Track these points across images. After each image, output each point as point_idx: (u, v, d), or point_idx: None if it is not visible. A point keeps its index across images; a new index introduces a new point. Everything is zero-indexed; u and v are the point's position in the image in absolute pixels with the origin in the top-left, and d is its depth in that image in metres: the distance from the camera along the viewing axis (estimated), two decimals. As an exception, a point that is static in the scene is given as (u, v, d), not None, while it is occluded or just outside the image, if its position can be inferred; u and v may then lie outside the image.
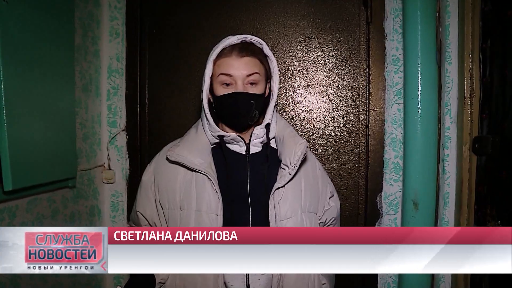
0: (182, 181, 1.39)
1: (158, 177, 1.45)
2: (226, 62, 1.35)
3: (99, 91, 2.20)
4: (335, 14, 2.11)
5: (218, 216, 1.32)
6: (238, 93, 1.34)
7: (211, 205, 1.34)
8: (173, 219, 1.38)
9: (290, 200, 1.39)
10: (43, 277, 1.75)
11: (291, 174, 1.37)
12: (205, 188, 1.35)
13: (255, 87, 1.37)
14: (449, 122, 1.89)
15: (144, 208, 1.47)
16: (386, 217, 2.08)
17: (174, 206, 1.38)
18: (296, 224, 1.38)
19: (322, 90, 2.13)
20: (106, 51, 2.22)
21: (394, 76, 2.04)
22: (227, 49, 1.36)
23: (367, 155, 2.10)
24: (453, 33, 1.87)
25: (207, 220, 1.33)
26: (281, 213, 1.36)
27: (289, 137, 1.43)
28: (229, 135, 1.40)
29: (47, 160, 1.71)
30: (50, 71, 1.72)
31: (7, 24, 1.44)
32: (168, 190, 1.40)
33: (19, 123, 1.52)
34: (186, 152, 1.38)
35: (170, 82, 2.21)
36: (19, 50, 1.52)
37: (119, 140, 2.24)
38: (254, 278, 1.35)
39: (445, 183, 1.89)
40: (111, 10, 2.21)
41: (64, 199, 1.91)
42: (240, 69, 1.34)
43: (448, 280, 1.89)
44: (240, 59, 1.34)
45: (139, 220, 1.50)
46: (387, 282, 2.09)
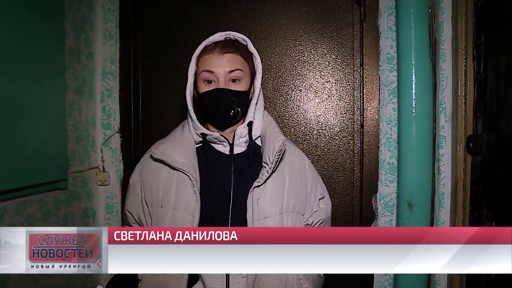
0: (164, 179, 1.38)
1: (144, 175, 1.44)
2: (208, 59, 1.35)
3: (93, 93, 2.21)
4: (328, 12, 2.08)
5: (195, 217, 1.30)
6: (219, 89, 1.33)
7: (189, 205, 1.32)
8: (155, 216, 1.38)
9: (269, 199, 1.36)
10: (34, 279, 1.75)
11: (268, 172, 1.34)
12: (185, 188, 1.34)
13: (238, 84, 1.36)
14: (444, 121, 1.84)
15: (131, 206, 1.48)
16: (382, 219, 2.04)
17: (156, 204, 1.38)
18: (275, 224, 1.35)
19: (316, 89, 2.10)
20: (100, 53, 2.23)
21: (388, 75, 2.01)
22: (210, 46, 1.37)
23: (362, 156, 2.06)
24: (447, 29, 1.83)
25: (182, 220, 1.31)
26: (258, 212, 1.33)
27: (270, 133, 1.41)
28: (212, 134, 1.38)
29: (36, 161, 1.71)
30: (40, 72, 1.73)
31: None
32: (152, 187, 1.39)
33: (7, 124, 1.53)
34: (171, 150, 1.37)
35: (164, 84, 2.21)
36: (9, 52, 1.54)
37: (113, 142, 2.24)
38: (234, 281, 1.32)
39: (440, 183, 1.85)
40: (105, 12, 2.22)
41: (56, 201, 1.91)
42: (222, 65, 1.33)
43: (444, 282, 1.85)
44: (222, 56, 1.34)
45: (127, 218, 1.50)
46: (383, 285, 2.05)
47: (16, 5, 1.57)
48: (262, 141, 1.43)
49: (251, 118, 1.41)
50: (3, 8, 1.51)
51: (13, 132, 1.57)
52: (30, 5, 1.65)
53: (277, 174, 1.39)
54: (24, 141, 1.63)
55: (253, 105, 1.41)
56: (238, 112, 1.37)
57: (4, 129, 1.52)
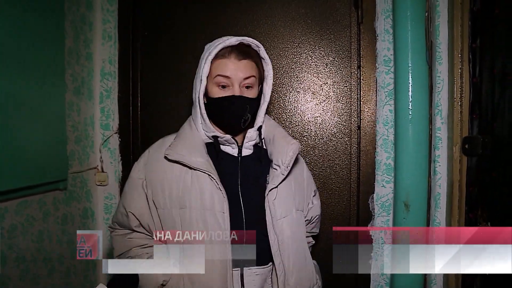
0: (179, 180, 1.36)
1: (151, 175, 1.41)
2: (224, 64, 1.34)
3: (91, 94, 2.21)
4: (326, 15, 2.10)
5: (225, 213, 1.32)
6: (235, 97, 1.34)
7: (216, 203, 1.32)
8: (170, 218, 1.35)
9: (284, 200, 1.41)
10: (34, 279, 1.75)
11: (283, 175, 1.38)
12: (208, 187, 1.34)
13: (251, 91, 1.38)
14: (440, 122, 1.87)
15: (135, 207, 1.42)
16: (379, 219, 2.06)
17: (171, 205, 1.35)
18: (291, 222, 1.41)
19: (313, 91, 2.12)
20: (99, 54, 2.24)
21: (385, 77, 2.03)
22: (225, 50, 1.35)
23: (358, 157, 2.08)
24: (443, 33, 1.85)
25: (212, 218, 1.32)
26: (276, 213, 1.37)
27: (280, 137, 1.44)
28: (224, 136, 1.40)
29: (36, 162, 1.72)
30: (40, 73, 1.73)
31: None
32: (164, 188, 1.37)
33: (8, 124, 1.53)
34: (186, 150, 1.36)
35: (163, 85, 2.22)
36: (9, 53, 1.54)
37: (112, 143, 2.25)
38: (249, 279, 1.37)
39: (437, 184, 1.88)
40: (104, 13, 2.23)
41: (56, 201, 1.92)
42: (239, 71, 1.34)
43: (440, 282, 1.87)
44: (238, 62, 1.34)
45: (129, 221, 1.43)
46: (380, 285, 2.08)
47: (16, 5, 1.58)
48: (269, 144, 1.46)
49: (260, 122, 1.45)
50: (3, 8, 1.51)
51: (13, 133, 1.57)
52: (30, 6, 1.66)
53: (287, 175, 1.43)
54: (24, 141, 1.64)
55: (263, 110, 1.44)
56: (248, 118, 1.40)
57: (4, 130, 1.52)
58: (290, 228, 1.40)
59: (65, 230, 1.98)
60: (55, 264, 1.90)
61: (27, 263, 1.72)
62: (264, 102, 1.44)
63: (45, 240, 1.84)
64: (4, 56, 1.52)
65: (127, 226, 1.46)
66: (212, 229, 1.31)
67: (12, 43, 1.56)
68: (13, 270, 1.64)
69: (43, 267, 1.82)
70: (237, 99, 1.34)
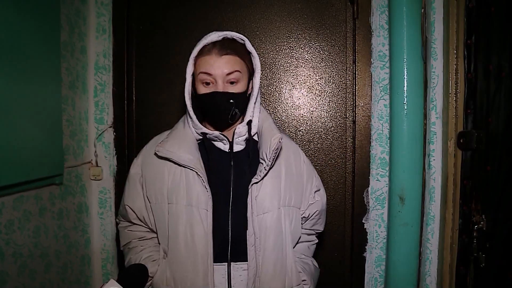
0: (169, 175, 1.40)
1: (146, 171, 1.45)
2: (206, 61, 1.34)
3: (86, 88, 2.19)
4: (322, 10, 2.11)
5: (208, 211, 1.34)
6: (217, 92, 1.34)
7: (201, 200, 1.35)
8: (161, 212, 1.40)
9: (267, 195, 1.40)
10: (31, 274, 1.74)
11: (266, 169, 1.38)
12: (195, 184, 1.36)
13: (236, 86, 1.37)
14: (434, 117, 1.90)
15: (132, 201, 1.48)
16: (373, 212, 2.09)
17: (162, 200, 1.39)
18: (274, 218, 1.40)
19: (309, 86, 2.13)
20: (93, 47, 2.22)
21: (380, 72, 2.05)
22: (207, 46, 1.35)
23: (353, 151, 2.11)
24: (438, 29, 1.88)
25: (197, 215, 1.34)
26: (257, 208, 1.37)
27: (266, 130, 1.43)
28: (212, 132, 1.40)
29: (33, 157, 1.70)
30: (35, 68, 1.71)
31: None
32: (156, 183, 1.41)
33: (3, 120, 1.51)
34: (176, 147, 1.38)
35: (158, 79, 2.21)
36: (3, 47, 1.52)
37: (107, 137, 2.23)
38: (236, 273, 1.39)
39: (431, 178, 1.91)
40: (98, 6, 2.20)
41: (52, 196, 1.90)
42: (221, 68, 1.33)
43: (433, 274, 1.91)
44: (220, 58, 1.33)
45: (127, 214, 1.50)
46: (374, 277, 2.11)
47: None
48: (259, 137, 1.46)
49: (250, 117, 1.44)
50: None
51: (9, 128, 1.55)
52: (25, 1, 1.64)
53: (274, 169, 1.43)
54: (20, 136, 1.62)
55: (251, 104, 1.43)
56: (236, 113, 1.39)
57: (0, 125, 1.51)
58: (272, 224, 1.40)
59: (61, 225, 1.97)
60: (52, 260, 1.89)
61: (24, 258, 1.70)
62: (252, 96, 1.43)
63: (41, 236, 1.82)
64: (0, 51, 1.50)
65: (127, 219, 1.53)
66: (195, 225, 1.34)
67: (7, 37, 1.54)
68: (10, 266, 1.63)
69: (40, 263, 1.80)
70: (218, 94, 1.33)
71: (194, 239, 1.34)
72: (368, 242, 2.11)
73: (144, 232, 1.51)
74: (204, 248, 1.34)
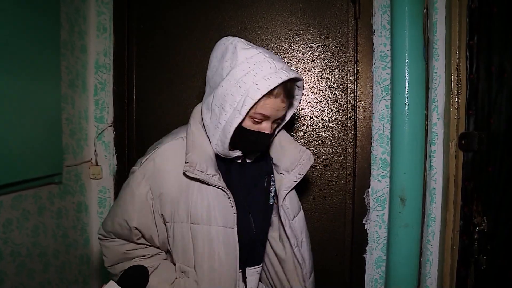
0: (191, 192, 1.30)
1: (159, 186, 1.31)
2: (269, 104, 1.24)
3: (86, 87, 2.19)
4: (323, 10, 2.10)
5: (234, 229, 1.32)
6: (265, 135, 1.29)
7: (227, 219, 1.31)
8: (180, 232, 1.31)
9: (293, 200, 1.47)
10: (30, 273, 1.74)
11: (295, 181, 1.42)
12: (221, 202, 1.31)
13: (277, 124, 1.38)
14: (436, 118, 1.89)
15: (139, 222, 1.33)
16: (374, 213, 2.08)
17: (182, 219, 1.31)
18: (302, 219, 1.52)
19: (310, 86, 2.12)
20: (93, 46, 2.21)
21: (382, 72, 2.04)
22: (277, 90, 1.22)
23: (354, 151, 2.10)
24: (441, 29, 1.87)
25: (224, 235, 1.31)
26: (289, 213, 1.44)
27: (287, 142, 1.47)
28: (236, 154, 1.36)
29: (32, 156, 1.70)
30: (35, 66, 1.71)
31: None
32: (174, 201, 1.30)
33: (2, 118, 1.51)
34: (204, 166, 1.27)
35: (158, 78, 2.20)
36: (3, 46, 1.51)
37: (106, 136, 2.23)
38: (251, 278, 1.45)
39: (432, 179, 1.90)
40: (98, 5, 2.20)
41: (51, 195, 1.90)
42: (278, 112, 1.28)
43: (434, 275, 1.90)
44: (281, 103, 1.26)
45: (131, 235, 1.36)
46: (375, 278, 2.10)
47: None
48: (273, 147, 1.49)
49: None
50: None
51: (8, 126, 1.55)
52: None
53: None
54: (19, 135, 1.62)
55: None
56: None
57: (1, 124, 1.50)
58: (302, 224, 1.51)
59: (60, 224, 1.96)
60: (51, 259, 1.88)
61: (22, 258, 1.70)
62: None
63: (40, 235, 1.82)
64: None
65: (127, 239, 1.39)
66: (223, 245, 1.30)
67: (7, 35, 1.53)
68: (9, 265, 1.63)
69: (38, 262, 1.80)
70: (267, 136, 1.30)
71: (221, 260, 1.30)
72: (368, 243, 2.10)
73: (146, 250, 1.41)
74: (231, 267, 1.32)
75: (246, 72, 1.19)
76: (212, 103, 1.27)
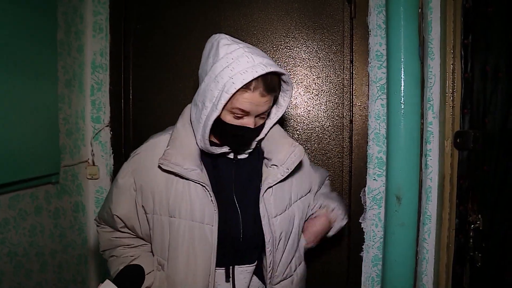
0: (171, 188, 1.32)
1: (141, 180, 1.35)
2: (246, 99, 1.22)
3: (82, 87, 2.19)
4: (319, 9, 2.11)
5: (213, 227, 1.31)
6: (248, 128, 1.28)
7: (206, 215, 1.31)
8: (159, 224, 1.33)
9: (279, 197, 1.40)
10: (27, 273, 1.74)
11: (282, 176, 1.37)
12: (200, 198, 1.31)
13: (262, 119, 1.33)
14: (431, 117, 1.90)
15: (121, 211, 1.39)
16: (370, 212, 2.09)
17: (161, 212, 1.32)
18: (286, 218, 1.41)
19: (306, 85, 2.13)
20: (90, 46, 2.21)
21: (377, 72, 2.05)
22: (253, 83, 1.20)
23: (350, 150, 2.11)
24: (436, 29, 1.88)
25: (201, 231, 1.30)
26: (272, 211, 1.37)
27: (280, 137, 1.44)
28: (224, 151, 1.37)
29: (29, 155, 1.70)
30: (31, 66, 1.71)
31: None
32: (155, 195, 1.33)
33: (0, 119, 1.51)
34: (180, 159, 1.29)
35: (155, 78, 2.20)
36: (0, 46, 1.51)
37: (103, 136, 2.23)
38: (240, 276, 1.39)
39: (428, 177, 1.91)
40: (95, 5, 2.20)
41: (48, 195, 1.90)
42: (259, 107, 1.25)
43: (430, 273, 1.91)
44: (261, 98, 1.23)
45: (115, 223, 1.41)
46: (371, 276, 2.11)
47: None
48: (265, 141, 1.46)
49: (262, 136, 1.43)
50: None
51: (5, 126, 1.55)
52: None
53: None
54: (16, 135, 1.62)
55: (266, 128, 1.42)
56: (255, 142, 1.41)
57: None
58: (284, 224, 1.41)
59: (57, 224, 1.96)
60: (48, 259, 1.89)
61: (19, 257, 1.70)
62: (269, 120, 1.42)
63: (37, 235, 1.82)
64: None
65: (112, 226, 1.45)
66: (199, 242, 1.30)
67: (3, 35, 1.54)
68: (6, 265, 1.63)
69: (36, 262, 1.80)
70: (249, 131, 1.29)
71: (196, 256, 1.30)
72: (365, 242, 2.11)
73: (131, 239, 1.45)
74: (206, 265, 1.31)
75: (224, 67, 1.19)
76: (197, 99, 1.29)
